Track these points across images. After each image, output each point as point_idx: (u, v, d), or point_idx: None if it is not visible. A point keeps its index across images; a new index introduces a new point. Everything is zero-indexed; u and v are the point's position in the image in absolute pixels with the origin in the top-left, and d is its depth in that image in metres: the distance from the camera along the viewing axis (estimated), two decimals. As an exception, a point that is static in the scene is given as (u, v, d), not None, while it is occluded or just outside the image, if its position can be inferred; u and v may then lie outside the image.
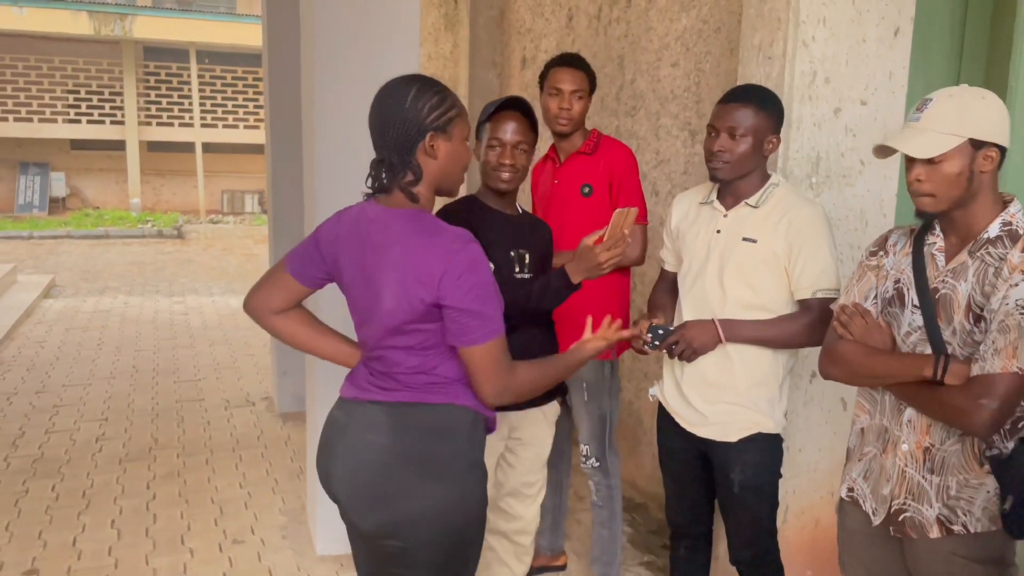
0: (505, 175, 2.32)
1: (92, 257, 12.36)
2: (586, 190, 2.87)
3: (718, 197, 2.29)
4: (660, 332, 2.23)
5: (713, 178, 2.24)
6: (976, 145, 1.68)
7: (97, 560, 3.30)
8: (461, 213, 2.36)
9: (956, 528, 1.74)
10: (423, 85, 1.74)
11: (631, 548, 3.50)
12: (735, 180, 2.21)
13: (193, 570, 3.25)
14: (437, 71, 6.82)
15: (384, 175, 1.75)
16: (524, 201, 3.12)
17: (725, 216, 2.26)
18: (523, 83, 5.40)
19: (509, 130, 2.31)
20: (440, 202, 2.35)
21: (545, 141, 3.05)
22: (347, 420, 1.84)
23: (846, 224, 2.75)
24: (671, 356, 2.26)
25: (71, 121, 17.16)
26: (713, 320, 2.20)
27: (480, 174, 2.40)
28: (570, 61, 2.90)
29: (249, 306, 1.94)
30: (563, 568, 3.32)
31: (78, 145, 17.95)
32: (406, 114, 1.71)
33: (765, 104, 2.18)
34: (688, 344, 2.19)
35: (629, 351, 3.08)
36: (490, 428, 1.90)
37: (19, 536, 3.49)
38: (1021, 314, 1.60)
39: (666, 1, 3.79)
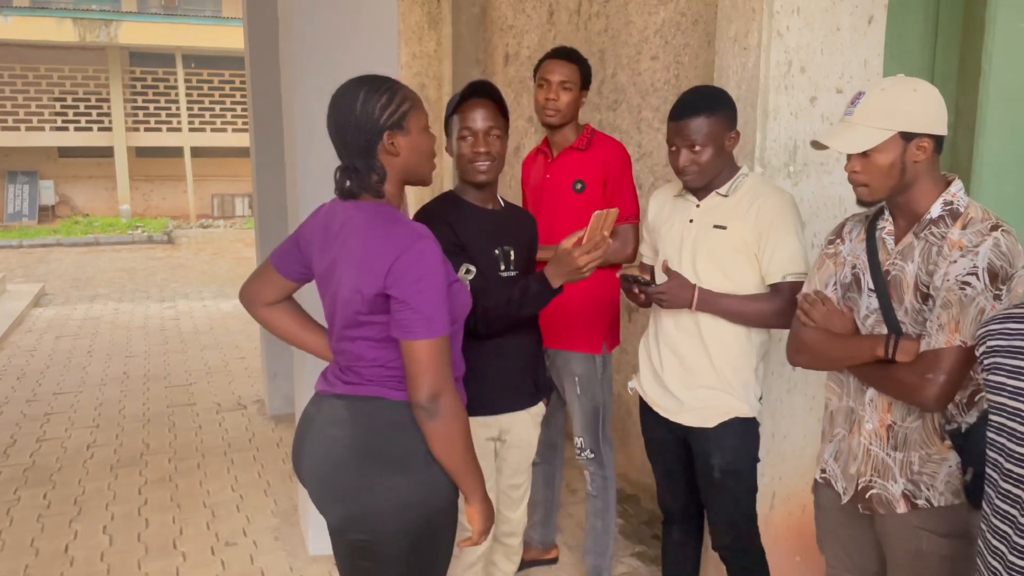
0: (482, 165, 2.22)
1: (82, 264, 12.33)
2: (578, 186, 2.88)
3: (691, 189, 2.31)
4: (643, 280, 2.25)
5: (688, 188, 2.29)
6: (907, 137, 1.73)
7: (89, 567, 3.30)
8: (440, 212, 2.29)
9: (920, 503, 1.79)
10: (371, 87, 1.76)
11: (622, 539, 3.51)
12: (708, 183, 2.26)
13: (185, 574, 3.26)
14: (421, 70, 6.83)
15: (349, 181, 1.77)
16: (515, 194, 3.13)
17: (697, 206, 2.30)
18: (506, 79, 5.41)
19: (479, 117, 2.20)
20: (422, 200, 2.34)
21: (538, 134, 3.06)
22: (315, 414, 1.87)
23: (825, 212, 2.77)
24: (647, 298, 2.26)
25: (58, 129, 17.10)
26: (695, 285, 2.21)
27: (456, 169, 2.33)
28: (560, 53, 2.91)
29: (241, 296, 2.05)
30: (555, 561, 3.33)
31: (66, 153, 17.89)
32: (360, 119, 1.73)
33: (714, 108, 2.19)
34: (665, 292, 2.20)
35: (619, 346, 3.10)
36: None
37: (11, 544, 3.49)
38: (961, 289, 1.66)
39: (644, -6, 3.80)
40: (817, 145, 1.83)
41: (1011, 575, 1.37)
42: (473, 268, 2.21)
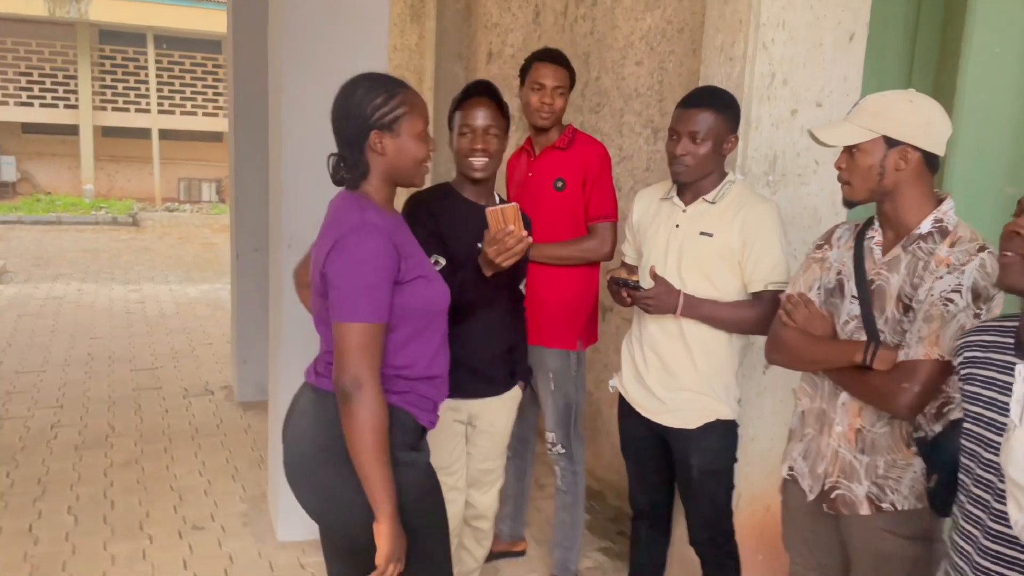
0: (477, 161, 2.31)
1: (44, 243, 12.08)
2: (559, 184, 2.93)
3: (678, 193, 2.38)
4: (631, 283, 2.30)
5: (676, 180, 2.32)
6: (891, 143, 1.79)
7: (54, 546, 3.28)
8: (428, 199, 2.38)
9: (885, 506, 1.86)
10: (371, 85, 1.81)
11: (589, 534, 3.57)
12: (696, 180, 2.30)
13: (152, 556, 3.24)
14: (402, 62, 6.82)
15: (339, 169, 1.85)
16: (500, 192, 3.18)
17: (684, 211, 2.35)
18: (489, 77, 5.44)
19: (479, 116, 2.30)
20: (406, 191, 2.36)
21: (521, 133, 3.09)
22: (295, 401, 1.93)
23: (800, 221, 2.85)
24: (633, 302, 2.30)
25: (23, 104, 16.71)
26: (680, 292, 2.26)
27: (455, 163, 2.41)
28: (553, 57, 2.97)
29: (294, 275, 2.19)
30: (522, 554, 3.38)
31: (30, 129, 17.49)
32: (352, 113, 1.80)
33: (723, 107, 2.26)
34: (653, 298, 2.24)
35: (594, 344, 3.16)
36: (424, 426, 1.92)
37: (-27, 522, 3.44)
38: (944, 305, 1.72)
39: (631, 0, 3.86)
40: (813, 136, 1.90)
41: None
42: (443, 260, 2.27)
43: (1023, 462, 1.15)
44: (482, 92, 2.33)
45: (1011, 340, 1.48)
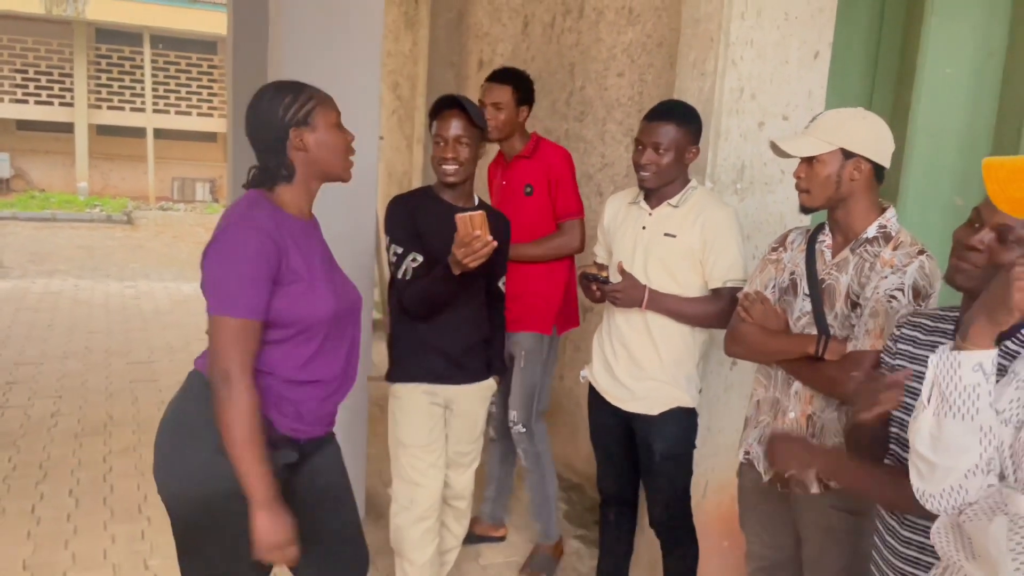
0: (448, 168, 2.51)
1: (39, 240, 12.18)
2: (528, 190, 3.16)
3: (645, 198, 2.57)
4: (601, 279, 2.50)
5: (641, 187, 2.52)
6: (847, 155, 1.99)
7: (56, 526, 3.44)
8: (408, 200, 2.60)
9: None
10: (275, 90, 1.89)
11: (567, 523, 3.75)
12: (660, 187, 2.49)
13: (151, 537, 3.40)
14: (396, 68, 7.00)
15: (262, 177, 1.90)
16: (484, 197, 3.37)
17: (650, 215, 2.54)
18: (479, 84, 5.61)
19: (450, 126, 2.50)
20: (401, 190, 2.53)
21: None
22: None
23: (767, 227, 3.04)
24: (602, 295, 2.48)
25: (18, 101, 16.79)
26: (646, 287, 2.45)
27: (432, 169, 2.61)
28: (493, 75, 3.22)
29: None
30: (502, 539, 3.55)
31: (25, 126, 17.57)
32: (266, 120, 1.87)
33: (685, 120, 2.46)
34: (620, 291, 2.43)
35: (573, 344, 3.34)
36: (285, 433, 1.89)
37: (-22, 503, 3.59)
38: (888, 301, 1.92)
39: (614, 15, 4.05)
40: (774, 147, 2.09)
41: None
42: (420, 257, 2.48)
43: (927, 437, 1.34)
44: (453, 104, 2.53)
45: (944, 326, 1.66)
